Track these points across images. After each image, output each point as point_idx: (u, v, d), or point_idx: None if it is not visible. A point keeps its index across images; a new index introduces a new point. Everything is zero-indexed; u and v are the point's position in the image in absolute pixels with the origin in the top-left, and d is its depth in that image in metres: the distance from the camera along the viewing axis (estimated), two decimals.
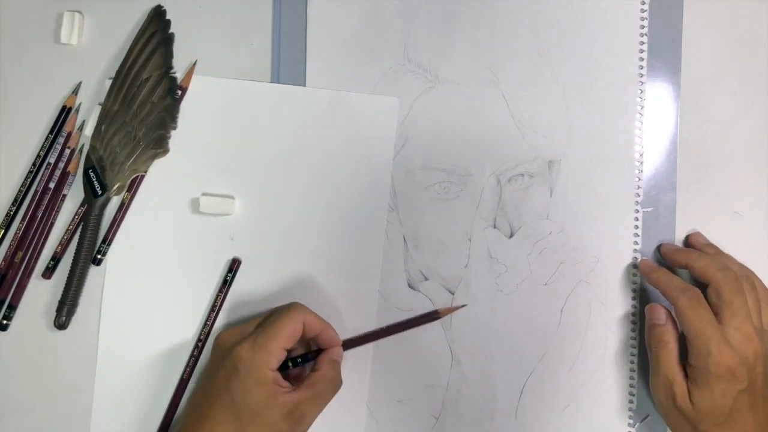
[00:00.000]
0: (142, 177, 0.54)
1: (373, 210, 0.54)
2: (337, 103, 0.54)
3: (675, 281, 0.50)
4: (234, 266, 0.54)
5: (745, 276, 0.49)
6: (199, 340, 0.54)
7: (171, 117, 0.54)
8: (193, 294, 0.54)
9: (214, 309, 0.53)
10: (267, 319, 0.50)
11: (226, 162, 0.54)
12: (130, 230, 0.54)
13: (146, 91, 0.54)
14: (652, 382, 0.50)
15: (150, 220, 0.54)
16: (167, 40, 0.54)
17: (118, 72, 0.54)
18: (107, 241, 0.54)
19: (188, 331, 0.54)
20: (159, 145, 0.54)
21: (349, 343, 0.52)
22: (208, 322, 0.53)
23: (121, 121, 0.53)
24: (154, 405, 0.54)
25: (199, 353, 0.54)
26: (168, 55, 0.54)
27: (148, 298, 0.54)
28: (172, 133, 0.54)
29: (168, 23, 0.55)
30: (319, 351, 0.51)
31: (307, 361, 0.51)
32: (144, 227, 0.54)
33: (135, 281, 0.54)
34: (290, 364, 0.50)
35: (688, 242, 0.53)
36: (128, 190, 0.54)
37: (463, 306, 0.53)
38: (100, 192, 0.53)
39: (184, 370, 0.54)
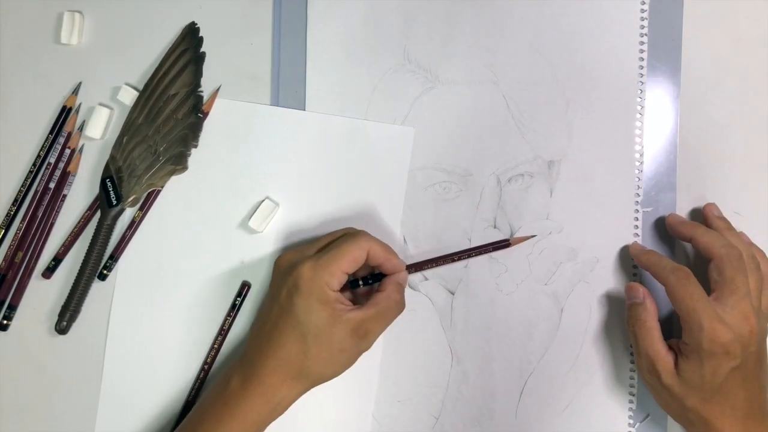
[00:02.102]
0: (157, 193, 0.54)
1: (385, 237, 0.53)
2: (353, 131, 0.54)
3: (664, 261, 0.50)
4: (244, 290, 0.53)
5: (750, 255, 0.49)
6: (205, 363, 0.53)
7: (193, 135, 0.54)
8: (201, 315, 0.54)
9: (222, 333, 0.53)
10: (332, 243, 0.50)
11: (240, 185, 0.54)
12: (141, 246, 0.54)
13: (172, 107, 0.54)
14: (636, 361, 0.51)
15: (161, 237, 0.54)
16: (198, 59, 0.54)
17: (146, 85, 0.54)
18: (114, 257, 0.54)
19: (195, 353, 0.54)
20: (178, 162, 0.54)
21: (414, 267, 0.52)
22: (215, 346, 0.53)
23: (144, 135, 0.53)
24: (158, 427, 0.54)
25: (205, 376, 0.53)
26: (198, 73, 0.54)
27: (156, 317, 0.54)
28: (192, 151, 0.54)
29: (200, 41, 0.55)
30: (383, 275, 0.51)
31: (374, 282, 0.51)
32: (155, 244, 0.54)
33: (143, 298, 0.54)
34: (360, 283, 0.51)
35: (702, 212, 0.53)
36: (141, 208, 0.54)
37: (533, 236, 0.53)
38: (115, 202, 0.53)
39: (190, 393, 0.53)
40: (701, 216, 0.53)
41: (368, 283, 0.51)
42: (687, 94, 0.54)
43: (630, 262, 0.53)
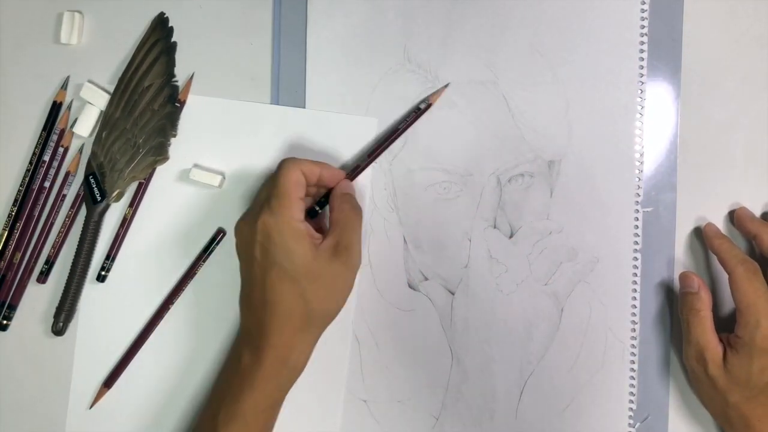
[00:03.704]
0: (145, 188, 0.54)
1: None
2: (315, 122, 0.54)
3: (736, 251, 0.50)
4: (219, 236, 0.54)
5: None
6: (169, 301, 0.54)
7: (171, 125, 0.54)
8: (192, 302, 0.54)
9: (191, 275, 0.54)
10: (266, 188, 0.50)
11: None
12: (130, 238, 0.55)
13: (147, 99, 0.54)
14: (684, 349, 0.51)
15: (150, 229, 0.55)
16: (169, 49, 0.54)
17: (120, 79, 0.54)
18: (110, 257, 0.54)
19: (185, 337, 0.54)
20: (159, 153, 0.54)
21: (353, 173, 0.52)
22: (182, 287, 0.54)
23: (122, 128, 0.53)
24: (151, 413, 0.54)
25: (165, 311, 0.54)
26: (170, 63, 0.54)
27: (147, 307, 0.54)
28: (173, 141, 0.54)
29: (171, 31, 0.55)
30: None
31: (326, 203, 0.51)
32: (144, 235, 0.54)
33: (134, 288, 0.54)
34: (317, 209, 0.51)
35: (765, 217, 0.53)
36: (131, 205, 0.54)
37: (446, 86, 0.53)
38: (99, 198, 0.53)
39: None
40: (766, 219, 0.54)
41: (323, 206, 0.51)
42: (687, 94, 0.54)
43: (630, 262, 0.53)
